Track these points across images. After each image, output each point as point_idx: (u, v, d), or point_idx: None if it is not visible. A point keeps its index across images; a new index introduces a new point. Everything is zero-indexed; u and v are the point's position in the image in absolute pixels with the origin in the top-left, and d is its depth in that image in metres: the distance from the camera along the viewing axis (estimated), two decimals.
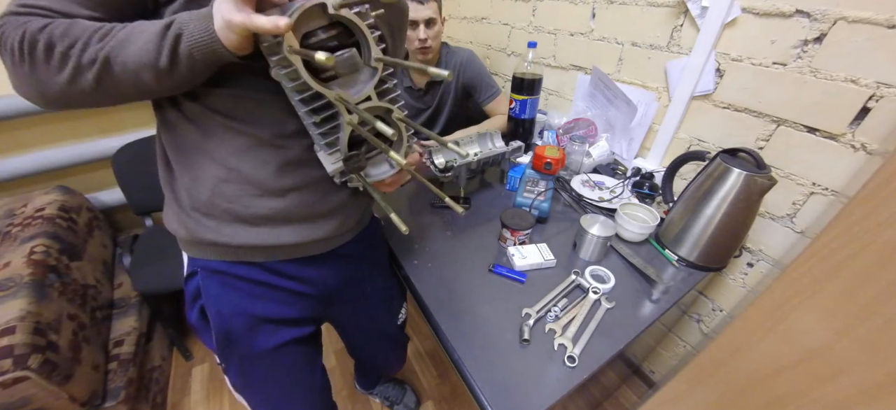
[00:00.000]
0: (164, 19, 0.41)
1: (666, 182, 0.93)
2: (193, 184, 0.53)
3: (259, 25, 0.38)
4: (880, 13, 0.64)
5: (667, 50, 0.99)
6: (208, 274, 0.60)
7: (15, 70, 0.41)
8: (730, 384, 0.65)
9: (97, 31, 0.41)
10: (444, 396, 1.39)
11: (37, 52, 0.40)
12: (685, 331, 1.17)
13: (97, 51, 0.40)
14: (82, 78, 0.41)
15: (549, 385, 0.58)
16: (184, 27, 0.41)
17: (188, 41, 0.41)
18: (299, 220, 0.58)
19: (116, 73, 0.41)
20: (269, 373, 0.69)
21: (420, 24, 1.17)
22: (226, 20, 0.39)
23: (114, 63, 0.41)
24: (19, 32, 0.39)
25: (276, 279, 0.62)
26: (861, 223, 0.44)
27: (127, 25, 0.42)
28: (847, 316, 0.48)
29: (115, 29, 0.41)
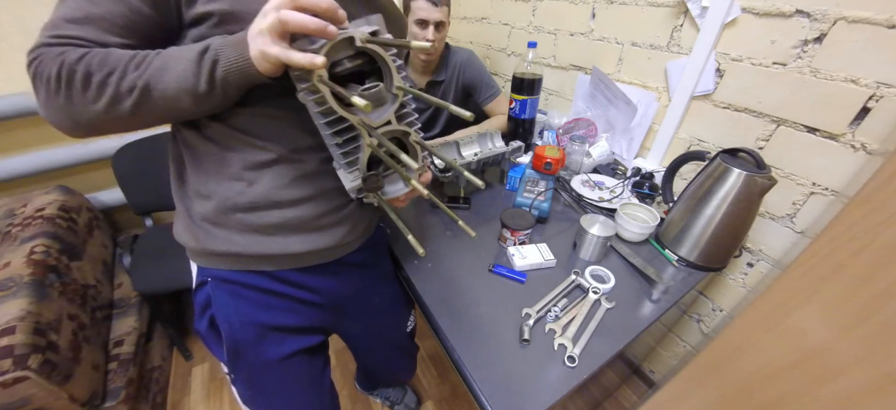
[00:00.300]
0: (197, 45, 0.43)
1: (666, 182, 0.93)
2: (206, 197, 0.55)
3: (296, 61, 0.40)
4: (880, 13, 0.64)
5: (667, 50, 0.99)
6: (218, 283, 0.61)
7: (49, 100, 0.42)
8: (730, 384, 0.65)
9: (132, 59, 0.42)
10: (444, 396, 1.39)
11: (75, 82, 0.41)
12: (685, 331, 1.17)
13: (135, 79, 0.42)
14: (120, 105, 0.42)
15: (549, 385, 0.58)
16: (220, 53, 0.42)
17: (224, 66, 0.43)
18: (309, 229, 0.59)
19: (155, 99, 0.43)
20: (277, 385, 0.69)
21: (430, 25, 1.18)
22: (261, 51, 0.41)
23: (153, 90, 0.42)
24: (57, 63, 0.40)
25: (285, 287, 0.63)
26: (861, 223, 0.45)
27: (160, 53, 0.43)
28: (847, 316, 0.48)
29: (150, 57, 0.42)
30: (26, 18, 1.22)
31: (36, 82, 0.42)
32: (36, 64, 0.41)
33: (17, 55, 1.23)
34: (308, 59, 0.40)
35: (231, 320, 0.62)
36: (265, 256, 0.59)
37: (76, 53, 0.41)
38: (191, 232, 0.58)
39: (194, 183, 0.55)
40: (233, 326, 0.62)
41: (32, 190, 1.30)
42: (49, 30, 0.42)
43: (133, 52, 0.43)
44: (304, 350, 0.70)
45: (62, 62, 0.40)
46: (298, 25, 0.39)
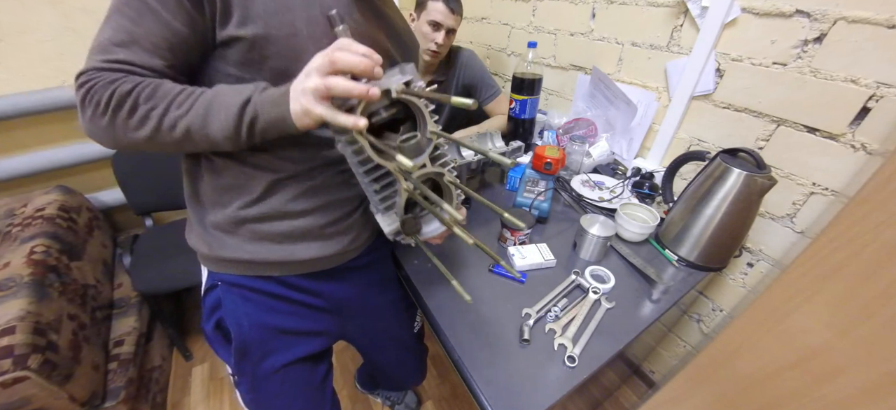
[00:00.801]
0: (238, 95, 0.45)
1: (666, 182, 0.93)
2: (221, 208, 0.57)
3: (342, 123, 0.42)
4: (880, 13, 0.64)
5: (667, 50, 0.99)
6: (228, 287, 0.63)
7: (94, 120, 0.45)
8: (730, 384, 0.65)
9: (177, 96, 0.45)
10: (444, 396, 1.39)
11: (121, 111, 0.43)
12: (685, 331, 1.17)
13: (177, 117, 0.45)
14: (160, 137, 0.45)
15: (549, 385, 0.58)
16: (260, 111, 0.45)
17: (264, 123, 0.45)
18: (315, 237, 0.61)
19: (196, 140, 0.46)
20: (280, 389, 0.70)
21: (443, 29, 1.20)
22: (305, 110, 0.43)
23: (194, 134, 0.45)
24: (108, 91, 0.43)
25: (292, 292, 0.66)
26: (861, 223, 0.44)
27: (204, 93, 0.45)
28: (847, 316, 0.48)
29: (194, 96, 0.45)
30: (26, 18, 1.22)
31: (84, 103, 0.44)
32: (87, 86, 0.43)
33: (18, 55, 1.24)
34: (353, 121, 0.41)
35: (240, 322, 0.64)
36: (274, 263, 0.61)
37: (129, 84, 0.43)
38: (203, 240, 0.60)
39: (210, 194, 0.58)
40: (242, 328, 0.64)
41: (32, 190, 1.30)
42: (99, 54, 0.44)
43: (179, 89, 0.45)
44: (309, 355, 0.72)
45: (114, 91, 0.43)
46: (344, 92, 0.41)
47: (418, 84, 0.47)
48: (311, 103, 0.42)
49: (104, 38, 0.44)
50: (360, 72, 0.41)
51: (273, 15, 0.46)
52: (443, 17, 1.18)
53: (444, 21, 1.18)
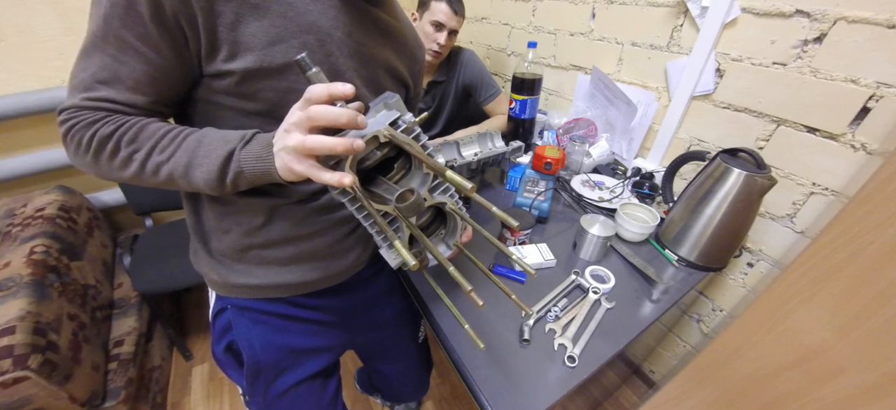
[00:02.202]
0: (222, 146, 0.43)
1: (666, 182, 0.93)
2: (225, 233, 0.57)
3: (325, 180, 0.39)
4: (880, 13, 0.64)
5: (667, 50, 0.99)
6: (238, 311, 0.64)
7: (78, 157, 0.45)
8: (730, 384, 0.65)
9: (160, 141, 0.44)
10: (444, 396, 1.39)
11: (103, 152, 0.43)
12: (685, 331, 1.17)
13: (159, 163, 0.44)
14: (146, 179, 0.45)
15: (549, 385, 0.58)
16: (243, 166, 0.43)
17: (249, 176, 0.44)
18: (322, 257, 0.62)
19: (181, 185, 0.46)
20: (292, 406, 0.70)
21: (446, 29, 1.20)
22: (288, 167, 0.40)
23: (177, 179, 0.45)
24: (89, 132, 0.42)
25: (301, 311, 0.66)
26: (861, 223, 0.44)
27: (188, 138, 0.44)
28: (847, 316, 0.48)
29: (177, 140, 0.44)
30: (26, 18, 1.22)
31: (67, 140, 0.44)
32: (69, 125, 0.43)
33: (18, 55, 1.24)
34: (337, 178, 0.38)
35: (252, 344, 0.64)
36: (282, 285, 0.61)
37: (110, 126, 0.42)
38: (211, 266, 0.60)
39: (213, 221, 0.57)
40: (254, 349, 0.64)
41: (32, 190, 1.30)
42: (81, 91, 0.43)
43: (163, 131, 0.44)
44: (320, 371, 0.73)
45: (95, 133, 0.42)
46: (327, 150, 0.38)
47: (405, 118, 0.44)
48: (293, 162, 0.39)
49: (86, 74, 0.42)
50: (343, 126, 0.38)
51: (264, 48, 0.44)
52: (446, 18, 1.18)
53: (447, 22, 1.18)
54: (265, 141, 0.43)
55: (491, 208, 0.44)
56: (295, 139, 0.38)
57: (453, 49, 1.36)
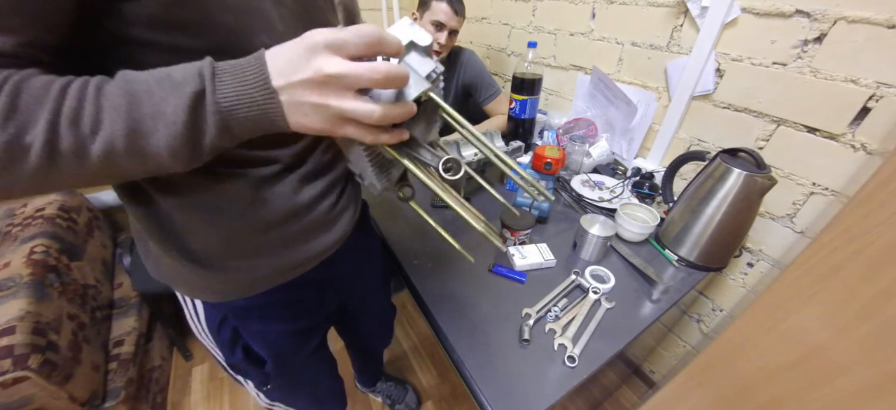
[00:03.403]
0: (181, 93, 0.29)
1: (666, 182, 0.93)
2: (208, 229, 0.45)
3: (382, 140, 0.34)
4: (880, 13, 0.64)
5: (667, 50, 0.99)
6: (240, 313, 0.58)
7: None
8: (730, 384, 0.65)
9: (63, 102, 0.27)
10: (444, 396, 1.39)
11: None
12: (685, 331, 1.17)
13: (80, 141, 0.28)
14: (55, 177, 0.28)
15: (549, 385, 0.58)
16: (230, 113, 0.30)
17: (238, 129, 0.31)
18: (323, 225, 0.55)
19: (122, 170, 0.30)
20: (312, 374, 0.76)
21: (446, 29, 1.20)
22: (321, 128, 0.32)
23: (120, 159, 0.29)
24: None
25: (305, 292, 0.63)
26: (861, 223, 0.44)
27: (102, 94, 0.28)
28: (847, 316, 0.48)
29: (91, 98, 0.28)
30: None
31: None
32: None
33: None
34: (397, 137, 0.35)
35: (269, 339, 0.63)
36: (288, 267, 0.54)
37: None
38: (194, 272, 0.48)
39: (179, 214, 0.44)
40: (271, 343, 0.64)
41: None
42: None
43: (58, 88, 0.28)
44: (324, 337, 0.78)
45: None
46: (389, 120, 0.32)
47: (437, 68, 0.37)
48: (337, 127, 0.32)
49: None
50: (392, 87, 0.32)
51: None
52: (447, 18, 1.18)
53: (448, 22, 1.18)
54: (248, 75, 0.30)
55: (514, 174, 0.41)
56: (337, 102, 0.30)
57: (453, 49, 1.36)
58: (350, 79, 0.30)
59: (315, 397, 0.84)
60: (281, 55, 0.30)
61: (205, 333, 0.62)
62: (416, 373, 1.47)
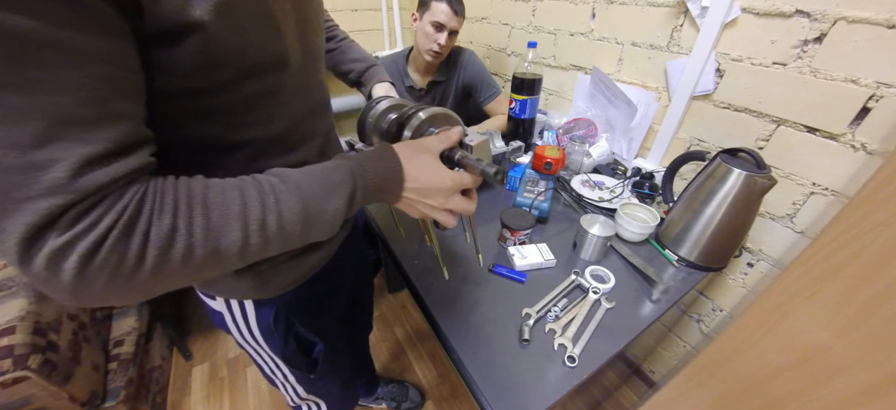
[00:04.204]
0: (344, 193, 0.38)
1: (666, 182, 0.93)
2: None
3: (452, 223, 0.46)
4: (880, 13, 0.64)
5: (667, 50, 0.99)
6: (290, 305, 0.60)
7: (111, 287, 0.27)
8: (730, 384, 0.65)
9: (244, 196, 0.32)
10: (444, 396, 1.39)
11: (169, 257, 0.28)
12: (685, 331, 1.17)
13: (258, 245, 0.33)
14: (233, 260, 0.33)
15: (549, 385, 0.58)
16: (362, 202, 0.40)
17: (365, 199, 0.41)
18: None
19: (284, 242, 0.36)
20: (352, 355, 0.86)
21: (446, 30, 1.20)
22: (422, 214, 0.45)
23: (289, 236, 0.35)
24: (134, 242, 0.27)
25: (335, 277, 0.66)
26: (861, 223, 0.44)
27: (276, 195, 0.34)
28: (847, 316, 0.48)
29: (262, 187, 0.34)
30: None
31: (86, 274, 0.25)
32: (83, 251, 0.25)
33: None
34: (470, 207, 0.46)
35: (319, 324, 0.67)
36: (330, 252, 0.61)
37: (162, 214, 0.28)
38: (263, 287, 0.54)
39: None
40: (322, 327, 0.67)
41: None
42: (66, 174, 0.24)
43: (239, 199, 0.32)
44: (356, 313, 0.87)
45: (146, 235, 0.27)
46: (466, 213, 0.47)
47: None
48: (431, 212, 0.45)
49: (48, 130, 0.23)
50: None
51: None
52: (446, 19, 1.18)
53: (448, 22, 1.18)
54: (387, 184, 0.41)
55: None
56: (445, 217, 0.45)
57: (453, 49, 1.36)
58: (466, 213, 0.46)
59: (350, 378, 0.89)
60: (421, 177, 0.42)
61: (252, 335, 0.61)
62: (416, 373, 1.47)
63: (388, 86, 0.82)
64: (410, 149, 0.43)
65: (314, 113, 0.51)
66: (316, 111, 0.51)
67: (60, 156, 0.24)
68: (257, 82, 0.38)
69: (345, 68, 0.83)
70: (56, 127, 0.23)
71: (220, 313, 0.59)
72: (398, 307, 1.74)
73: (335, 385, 0.82)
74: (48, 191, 0.23)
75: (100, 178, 0.25)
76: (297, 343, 0.66)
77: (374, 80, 0.82)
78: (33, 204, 0.23)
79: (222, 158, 0.40)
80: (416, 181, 0.42)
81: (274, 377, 0.72)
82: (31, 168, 0.23)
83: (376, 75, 0.82)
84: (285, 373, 0.71)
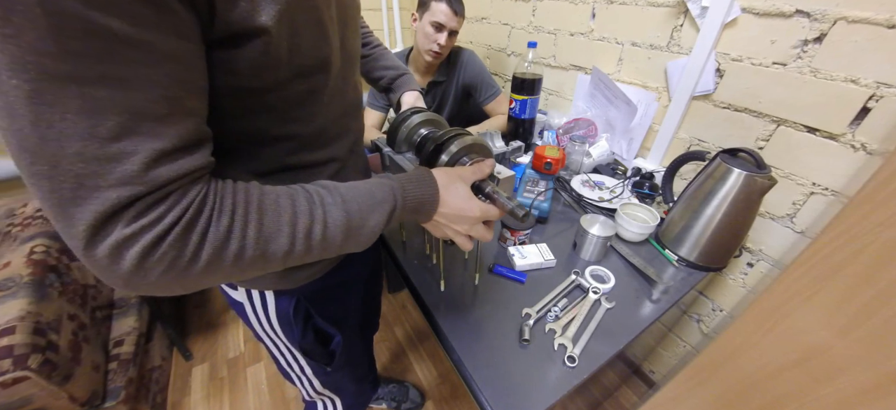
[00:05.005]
0: (384, 211, 0.41)
1: (666, 182, 0.93)
2: None
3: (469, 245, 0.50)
4: (880, 13, 0.64)
5: (667, 50, 0.99)
6: (309, 295, 0.62)
7: (169, 277, 0.28)
8: (730, 384, 0.65)
9: (294, 203, 0.35)
10: (444, 396, 1.39)
11: (224, 256, 0.31)
12: (685, 331, 1.17)
13: (305, 250, 0.36)
14: (281, 262, 0.35)
15: (549, 385, 0.58)
16: (406, 204, 0.43)
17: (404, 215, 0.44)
18: None
19: (328, 248, 0.38)
20: (365, 350, 0.87)
21: (446, 30, 1.20)
22: (446, 235, 0.49)
23: (335, 240, 0.37)
24: (192, 239, 0.29)
25: (357, 266, 0.69)
26: (861, 223, 0.44)
27: (331, 213, 0.37)
28: (847, 316, 0.48)
29: (314, 195, 0.37)
30: None
31: (145, 266, 0.27)
32: (145, 243, 0.26)
33: None
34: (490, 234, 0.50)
35: (336, 315, 0.68)
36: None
37: (221, 213, 0.30)
38: (286, 278, 0.56)
39: None
40: (340, 318, 0.68)
41: None
42: (137, 168, 0.25)
43: (290, 208, 0.35)
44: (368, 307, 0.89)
45: (204, 234, 0.29)
46: (486, 239, 0.50)
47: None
48: (457, 237, 0.49)
49: (126, 123, 0.25)
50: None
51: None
52: (446, 19, 1.18)
53: (448, 23, 1.19)
54: (425, 206, 0.45)
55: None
56: (465, 242, 0.49)
57: (453, 49, 1.36)
58: (484, 240, 0.50)
59: (365, 372, 0.91)
60: (453, 204, 0.46)
61: (270, 325, 0.63)
62: (416, 373, 1.47)
63: (417, 95, 0.83)
64: (448, 176, 0.47)
65: (348, 113, 0.54)
66: (350, 112, 0.54)
67: (135, 149, 0.25)
68: (303, 83, 0.41)
69: (377, 75, 0.85)
70: (134, 121, 0.25)
71: (241, 303, 0.60)
72: (398, 307, 1.74)
73: (350, 379, 0.82)
74: (120, 181, 0.25)
75: (168, 173, 0.27)
76: (314, 334, 0.67)
77: (404, 89, 0.83)
78: (105, 193, 0.25)
79: (264, 149, 0.43)
80: (448, 207, 0.46)
81: (290, 370, 0.73)
82: (108, 158, 0.24)
83: (406, 83, 0.84)
84: (302, 365, 0.71)
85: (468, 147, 0.53)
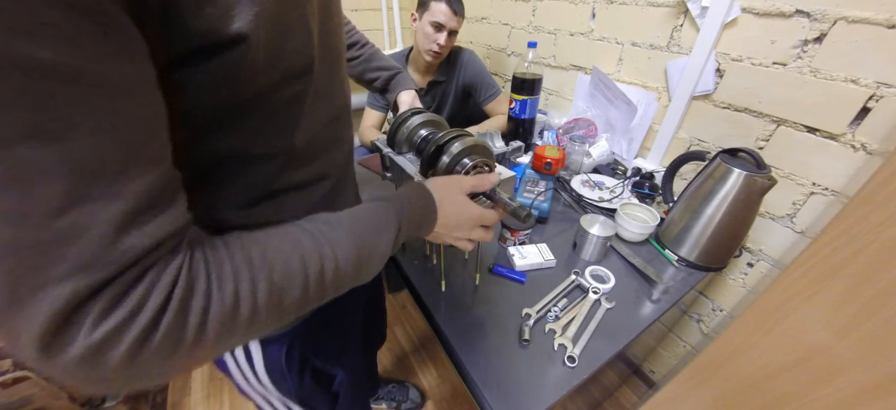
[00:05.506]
0: (389, 231, 0.39)
1: (666, 182, 0.93)
2: None
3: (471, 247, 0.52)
4: (880, 13, 0.64)
5: (667, 50, 0.99)
6: (303, 336, 0.55)
7: (170, 360, 0.23)
8: (730, 384, 0.65)
9: (305, 274, 0.31)
10: (444, 396, 1.39)
11: (235, 324, 0.27)
12: (685, 331, 1.17)
13: (316, 296, 0.33)
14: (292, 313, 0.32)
15: (549, 385, 0.58)
16: (409, 226, 0.42)
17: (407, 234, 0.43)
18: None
19: (339, 283, 0.35)
20: (361, 374, 0.80)
21: (445, 30, 1.21)
22: (448, 243, 0.49)
23: (345, 275, 0.35)
24: (192, 318, 0.24)
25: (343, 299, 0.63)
26: (861, 223, 0.44)
27: (332, 240, 0.34)
28: (847, 316, 0.48)
29: (324, 255, 0.33)
30: None
31: (139, 358, 0.21)
32: (136, 333, 0.21)
33: None
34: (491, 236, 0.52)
35: (337, 350, 0.64)
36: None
37: (223, 282, 0.25)
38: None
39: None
40: (340, 352, 0.65)
41: None
42: (103, 245, 0.20)
43: (299, 258, 0.31)
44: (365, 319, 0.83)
45: (206, 310, 0.24)
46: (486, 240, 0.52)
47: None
48: (458, 242, 0.50)
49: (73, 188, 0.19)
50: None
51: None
52: (445, 19, 1.18)
53: (447, 23, 1.19)
54: (425, 223, 0.44)
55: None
56: (465, 245, 0.51)
57: (453, 49, 1.36)
58: (484, 241, 0.52)
59: (365, 391, 0.90)
60: (451, 214, 0.46)
61: (258, 381, 0.55)
62: (417, 373, 1.47)
63: (414, 95, 0.82)
64: (445, 187, 0.47)
65: (337, 118, 0.47)
66: (339, 116, 0.47)
67: (89, 221, 0.19)
68: (286, 89, 0.35)
69: (371, 76, 0.82)
70: (84, 183, 0.19)
71: (222, 360, 0.52)
72: (398, 307, 1.74)
73: (353, 403, 0.76)
74: (76, 267, 0.19)
75: (141, 242, 0.21)
76: (314, 380, 0.60)
77: (399, 88, 0.81)
78: (54, 288, 0.18)
79: (245, 173, 0.37)
80: (447, 218, 0.46)
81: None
82: (55, 240, 0.18)
83: (402, 83, 0.82)
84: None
85: (470, 148, 0.53)
